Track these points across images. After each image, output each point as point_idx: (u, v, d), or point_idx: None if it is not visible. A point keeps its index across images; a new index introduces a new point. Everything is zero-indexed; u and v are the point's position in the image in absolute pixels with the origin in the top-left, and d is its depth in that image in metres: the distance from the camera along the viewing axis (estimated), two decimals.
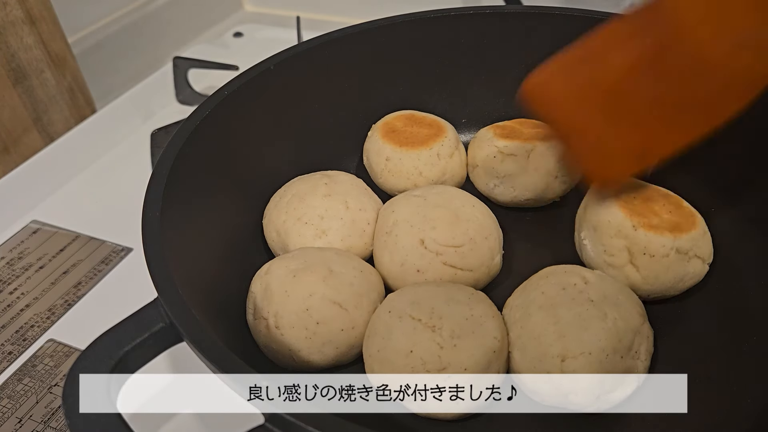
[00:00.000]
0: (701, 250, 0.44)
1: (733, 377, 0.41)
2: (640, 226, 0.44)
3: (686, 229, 0.44)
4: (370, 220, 0.49)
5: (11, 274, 0.56)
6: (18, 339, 0.50)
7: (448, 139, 0.55)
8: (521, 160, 0.52)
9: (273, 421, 0.28)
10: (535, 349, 0.38)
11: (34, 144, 0.74)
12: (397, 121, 0.56)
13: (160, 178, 0.40)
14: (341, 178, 0.51)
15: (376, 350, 0.39)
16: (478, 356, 0.37)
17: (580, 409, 0.38)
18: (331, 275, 0.42)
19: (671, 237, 0.43)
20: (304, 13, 0.87)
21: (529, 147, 0.52)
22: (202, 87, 0.78)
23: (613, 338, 0.37)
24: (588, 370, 0.37)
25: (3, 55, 0.68)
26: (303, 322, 0.40)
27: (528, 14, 0.57)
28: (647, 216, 0.44)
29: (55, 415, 0.44)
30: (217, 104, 0.47)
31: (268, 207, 0.51)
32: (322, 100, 0.56)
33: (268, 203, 0.51)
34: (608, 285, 0.41)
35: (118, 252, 0.58)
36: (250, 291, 0.44)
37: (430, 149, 0.53)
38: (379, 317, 0.40)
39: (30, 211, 0.63)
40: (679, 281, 0.44)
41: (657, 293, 0.45)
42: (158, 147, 0.63)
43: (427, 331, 0.38)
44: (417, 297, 0.40)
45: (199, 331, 0.32)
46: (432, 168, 0.53)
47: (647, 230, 0.43)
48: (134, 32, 0.93)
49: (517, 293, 0.43)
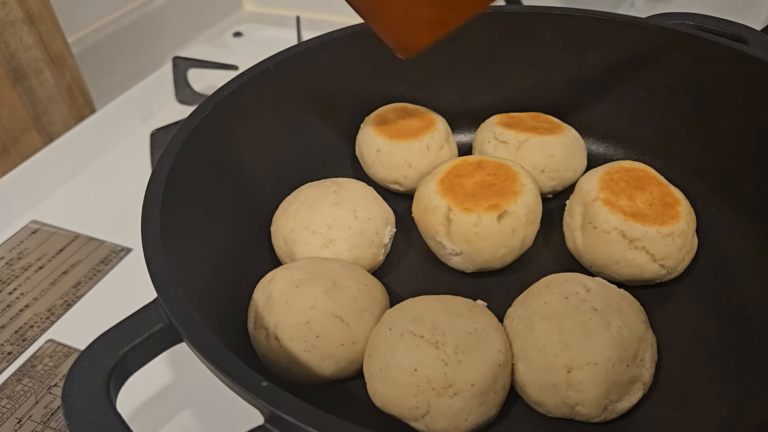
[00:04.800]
0: (656, 249, 0.44)
1: (734, 378, 0.41)
2: (600, 199, 0.46)
3: (647, 222, 0.44)
4: (379, 230, 0.48)
5: (11, 274, 0.56)
6: (17, 339, 0.50)
7: (439, 132, 0.55)
8: (511, 149, 0.53)
9: (273, 421, 0.28)
10: (539, 360, 0.38)
11: (33, 144, 0.74)
12: (389, 113, 0.57)
13: (159, 178, 0.40)
14: (351, 185, 0.51)
15: (378, 369, 0.38)
16: (484, 371, 0.37)
17: (587, 420, 0.38)
18: (334, 288, 0.41)
19: (620, 218, 0.45)
20: (304, 13, 0.88)
21: (522, 138, 0.53)
22: (202, 87, 0.78)
23: (619, 347, 0.37)
24: (594, 380, 0.36)
25: (2, 54, 0.68)
26: (303, 334, 0.40)
27: (528, 14, 0.57)
28: (617, 196, 0.46)
29: (55, 416, 0.44)
30: (217, 104, 0.47)
31: (276, 214, 0.51)
32: (322, 100, 0.56)
33: (277, 210, 0.51)
34: (610, 293, 0.40)
35: (118, 252, 0.58)
36: (253, 299, 0.43)
37: (420, 141, 0.54)
38: (380, 335, 0.39)
39: (29, 211, 0.63)
40: (615, 263, 0.45)
41: (597, 268, 0.47)
42: (158, 147, 0.63)
43: (431, 347, 0.37)
44: (417, 312, 0.39)
45: (198, 332, 0.32)
46: (421, 160, 0.54)
47: (603, 204, 0.46)
48: (134, 32, 0.93)
49: (517, 303, 0.43)
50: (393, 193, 0.57)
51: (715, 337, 0.44)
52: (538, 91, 0.60)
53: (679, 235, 0.45)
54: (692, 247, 0.46)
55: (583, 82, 0.58)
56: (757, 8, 0.79)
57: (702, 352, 0.43)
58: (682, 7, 0.58)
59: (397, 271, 0.51)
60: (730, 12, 0.55)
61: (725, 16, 0.53)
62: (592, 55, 0.56)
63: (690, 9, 0.58)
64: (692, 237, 0.46)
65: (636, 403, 0.38)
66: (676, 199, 0.47)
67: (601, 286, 0.41)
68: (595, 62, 0.57)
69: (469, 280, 0.49)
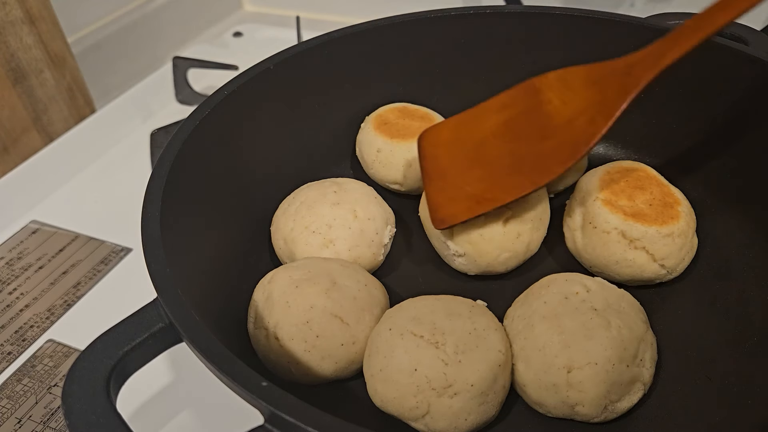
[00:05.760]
0: (656, 249, 0.44)
1: (733, 378, 0.41)
2: (600, 199, 0.46)
3: (647, 222, 0.44)
4: (379, 230, 0.48)
5: (11, 274, 0.56)
6: (17, 339, 0.50)
7: None
8: None
9: (273, 421, 0.28)
10: (539, 360, 0.38)
11: (33, 144, 0.74)
12: (389, 113, 0.57)
13: (159, 178, 0.40)
14: (351, 185, 0.50)
15: (378, 370, 0.38)
16: (484, 371, 0.37)
17: (587, 420, 0.38)
18: (334, 288, 0.41)
19: (620, 218, 0.45)
20: (304, 13, 0.87)
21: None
22: (202, 87, 0.78)
23: (619, 347, 0.37)
24: (594, 380, 0.36)
25: (2, 54, 0.68)
26: (303, 334, 0.39)
27: (528, 14, 0.57)
28: (617, 196, 0.46)
29: (55, 416, 0.44)
30: (217, 104, 0.47)
31: (276, 214, 0.51)
32: (322, 100, 0.56)
33: (277, 210, 0.51)
34: (610, 293, 0.40)
35: (118, 252, 0.58)
36: (253, 299, 0.43)
37: None
38: (380, 335, 0.39)
39: (29, 211, 0.63)
40: (615, 263, 0.45)
41: (597, 268, 0.47)
42: (158, 147, 0.63)
43: (431, 348, 0.37)
44: (417, 312, 0.39)
45: (198, 332, 0.32)
46: None
47: (603, 204, 0.46)
48: (134, 32, 0.93)
49: (517, 303, 0.43)
50: (393, 193, 0.57)
51: (715, 337, 0.44)
52: None
53: (678, 235, 0.45)
54: (692, 247, 0.46)
55: None
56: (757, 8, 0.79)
57: (702, 352, 0.43)
58: (682, 7, 0.58)
59: (397, 271, 0.51)
60: None
61: None
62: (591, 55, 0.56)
63: (690, 9, 0.57)
64: (692, 237, 0.46)
65: (636, 403, 0.38)
66: (676, 199, 0.47)
67: (601, 286, 0.41)
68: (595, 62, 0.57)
69: (469, 280, 0.49)
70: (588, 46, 0.56)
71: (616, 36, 0.54)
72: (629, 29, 0.54)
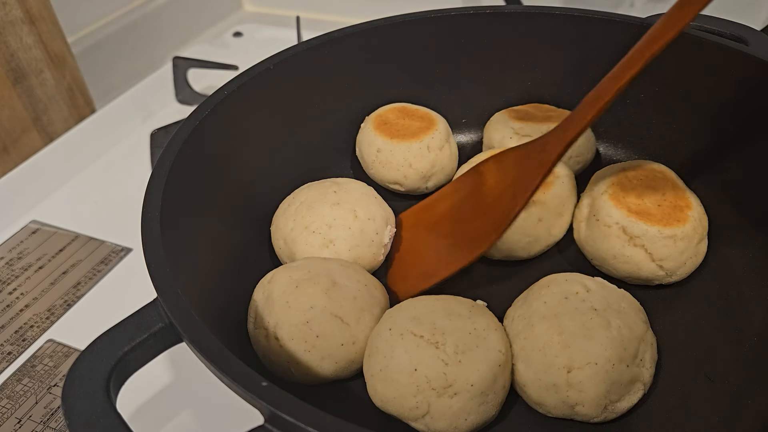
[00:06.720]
0: (655, 248, 0.44)
1: (733, 378, 0.41)
2: (608, 194, 0.47)
3: (650, 221, 0.45)
4: (379, 230, 0.48)
5: (11, 274, 0.56)
6: (17, 339, 0.50)
7: (439, 132, 0.55)
8: None
9: (273, 421, 0.28)
10: (539, 360, 0.38)
11: (33, 144, 0.74)
12: (389, 113, 0.57)
13: (159, 178, 0.40)
14: (351, 185, 0.51)
15: (378, 369, 0.38)
16: (484, 371, 0.37)
17: (587, 420, 0.38)
18: (334, 287, 0.41)
19: (623, 214, 0.45)
20: (304, 13, 0.87)
21: (543, 128, 0.53)
22: (202, 87, 0.78)
23: (619, 347, 0.37)
24: (594, 380, 0.36)
25: (2, 54, 0.68)
26: (303, 334, 0.39)
27: (528, 14, 0.57)
28: (626, 192, 0.47)
29: (55, 416, 0.44)
30: (217, 104, 0.47)
31: (276, 214, 0.51)
32: (322, 100, 0.56)
33: (277, 210, 0.51)
34: (609, 293, 0.40)
35: (118, 252, 0.58)
36: (253, 299, 0.43)
37: (421, 142, 0.54)
38: (380, 335, 0.39)
39: (29, 211, 0.63)
40: (613, 257, 0.46)
41: (597, 260, 0.48)
42: (158, 147, 0.63)
43: (431, 348, 0.37)
44: (417, 312, 0.39)
45: (198, 332, 0.32)
46: (422, 160, 0.54)
47: (609, 198, 0.46)
48: (134, 32, 0.93)
49: (517, 303, 0.43)
50: (393, 193, 0.57)
51: (715, 337, 0.44)
52: (537, 91, 0.60)
53: (681, 238, 0.45)
54: (697, 252, 0.46)
55: (583, 83, 0.58)
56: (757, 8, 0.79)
57: (702, 352, 0.43)
58: None
59: None
60: (730, 12, 0.55)
61: (725, 16, 0.53)
62: (592, 56, 0.56)
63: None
64: (698, 243, 0.46)
65: (636, 403, 0.38)
66: (688, 203, 0.46)
67: (601, 286, 0.41)
68: (595, 63, 0.57)
69: (470, 280, 0.49)
70: (588, 46, 0.56)
71: (616, 36, 0.54)
72: (629, 29, 0.54)
